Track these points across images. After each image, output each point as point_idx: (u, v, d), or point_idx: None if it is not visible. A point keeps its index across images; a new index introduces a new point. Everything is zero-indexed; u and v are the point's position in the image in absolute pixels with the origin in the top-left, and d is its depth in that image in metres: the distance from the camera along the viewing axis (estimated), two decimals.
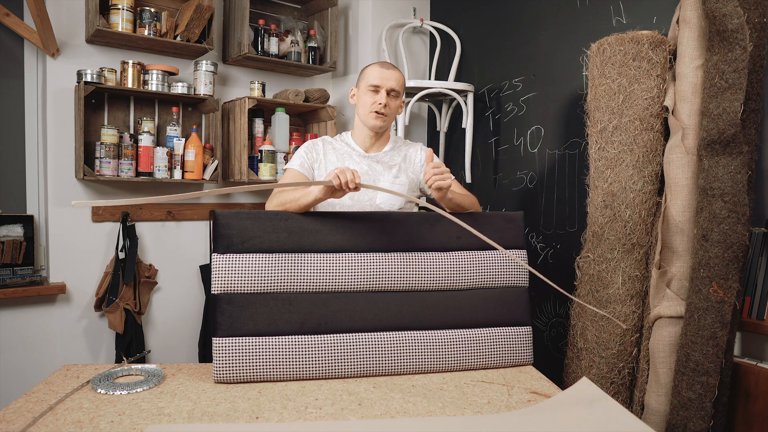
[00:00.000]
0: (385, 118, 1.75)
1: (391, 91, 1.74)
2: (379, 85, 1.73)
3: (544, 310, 2.46)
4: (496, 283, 1.57)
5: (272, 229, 1.42)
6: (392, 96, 1.75)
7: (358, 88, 1.80)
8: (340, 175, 1.39)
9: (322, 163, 1.77)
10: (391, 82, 1.73)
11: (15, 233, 2.28)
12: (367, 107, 1.74)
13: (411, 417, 1.20)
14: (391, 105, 1.75)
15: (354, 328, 1.45)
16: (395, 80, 1.74)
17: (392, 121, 1.82)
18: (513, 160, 2.63)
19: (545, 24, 2.46)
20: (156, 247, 2.60)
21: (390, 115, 1.76)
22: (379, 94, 1.73)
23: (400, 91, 1.77)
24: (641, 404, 1.82)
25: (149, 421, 1.14)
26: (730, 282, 1.56)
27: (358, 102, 1.79)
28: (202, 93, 2.51)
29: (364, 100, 1.76)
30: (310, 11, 2.95)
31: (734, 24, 1.51)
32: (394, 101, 1.76)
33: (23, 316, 2.30)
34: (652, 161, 1.83)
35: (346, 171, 1.40)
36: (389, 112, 1.75)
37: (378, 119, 1.74)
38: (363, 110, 1.76)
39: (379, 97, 1.73)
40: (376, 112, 1.73)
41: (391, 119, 1.78)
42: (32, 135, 2.41)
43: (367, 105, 1.74)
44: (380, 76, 1.73)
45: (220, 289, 1.38)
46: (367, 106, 1.74)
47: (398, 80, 1.75)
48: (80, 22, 2.38)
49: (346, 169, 1.40)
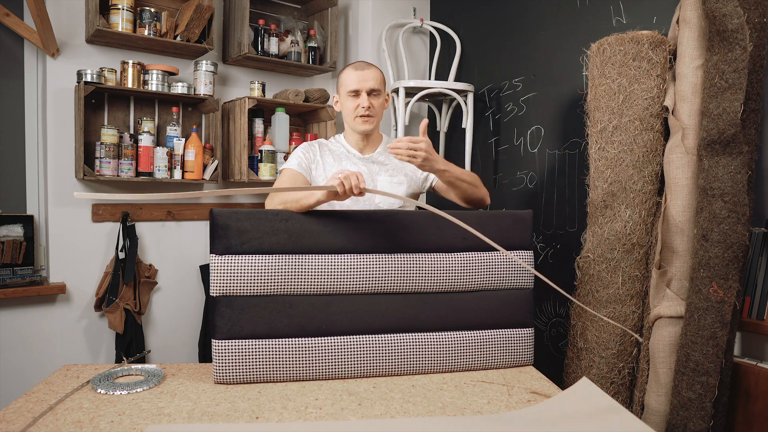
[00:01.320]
0: (372, 119, 1.73)
1: (372, 91, 1.71)
2: (357, 89, 1.70)
3: (544, 310, 2.46)
4: (501, 285, 1.55)
5: (272, 230, 1.39)
6: (374, 95, 1.72)
7: (339, 95, 1.78)
8: (345, 181, 1.35)
9: (320, 164, 1.76)
10: (369, 83, 1.71)
11: (15, 233, 2.28)
12: (352, 113, 1.73)
13: (411, 417, 1.20)
14: (374, 104, 1.72)
15: (355, 330, 1.43)
16: (373, 79, 1.72)
17: (380, 120, 1.80)
18: (513, 160, 2.63)
19: (545, 24, 2.46)
20: (156, 247, 2.60)
21: (376, 114, 1.74)
22: (360, 98, 1.71)
23: (381, 89, 1.74)
24: (641, 404, 1.82)
25: (149, 421, 1.14)
26: (730, 282, 1.56)
27: (342, 109, 1.77)
28: (202, 93, 2.51)
29: (347, 107, 1.74)
30: (310, 11, 2.95)
31: (734, 24, 1.51)
32: (377, 99, 1.74)
33: (23, 316, 2.30)
34: (652, 161, 1.83)
35: (350, 176, 1.36)
36: (375, 112, 1.73)
37: (366, 123, 1.72)
38: (348, 117, 1.75)
39: (361, 100, 1.70)
40: (361, 116, 1.71)
41: (379, 118, 1.77)
42: (32, 135, 2.41)
43: (351, 111, 1.73)
44: (357, 80, 1.71)
45: (219, 291, 1.36)
46: (351, 111, 1.73)
47: (376, 78, 1.73)
48: (80, 22, 2.38)
49: (350, 175, 1.36)
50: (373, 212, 1.50)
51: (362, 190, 1.37)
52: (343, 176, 1.36)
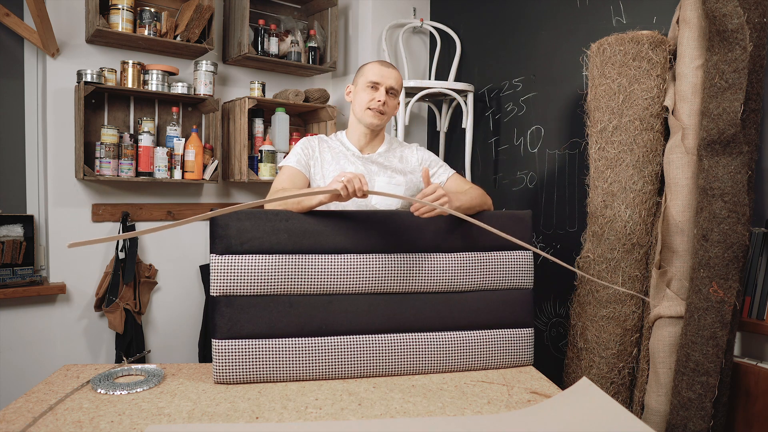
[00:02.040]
0: (383, 116, 1.73)
1: (390, 90, 1.72)
2: (378, 82, 1.70)
3: (544, 310, 2.46)
4: (501, 285, 1.55)
5: (272, 230, 1.39)
6: (391, 95, 1.73)
7: (356, 85, 1.77)
8: (348, 184, 1.34)
9: (318, 161, 1.74)
10: (390, 81, 1.71)
11: (15, 233, 2.28)
12: (365, 104, 1.72)
13: (411, 417, 1.20)
14: (389, 103, 1.73)
15: (355, 330, 1.43)
16: (394, 79, 1.73)
17: (388, 121, 1.80)
18: (513, 160, 2.63)
19: (545, 24, 2.46)
20: (156, 247, 2.60)
21: (387, 113, 1.74)
22: (378, 92, 1.71)
23: (399, 91, 1.75)
24: (641, 404, 1.82)
25: (149, 421, 1.14)
26: (730, 282, 1.56)
27: (355, 99, 1.76)
28: (202, 93, 2.51)
29: (361, 97, 1.73)
30: (310, 11, 2.95)
31: (734, 24, 1.51)
32: (393, 100, 1.74)
33: (23, 316, 2.30)
34: (652, 161, 1.83)
35: (354, 179, 1.35)
36: (387, 111, 1.73)
37: (375, 117, 1.72)
38: (360, 107, 1.73)
39: (379, 94, 1.70)
40: (374, 109, 1.71)
41: (388, 118, 1.77)
42: (32, 135, 2.41)
43: (365, 102, 1.72)
44: (380, 74, 1.71)
45: (219, 291, 1.36)
46: (365, 103, 1.72)
47: (397, 79, 1.74)
48: (80, 22, 2.38)
49: (354, 178, 1.35)
50: (373, 212, 1.51)
51: (366, 193, 1.37)
52: (346, 179, 1.35)
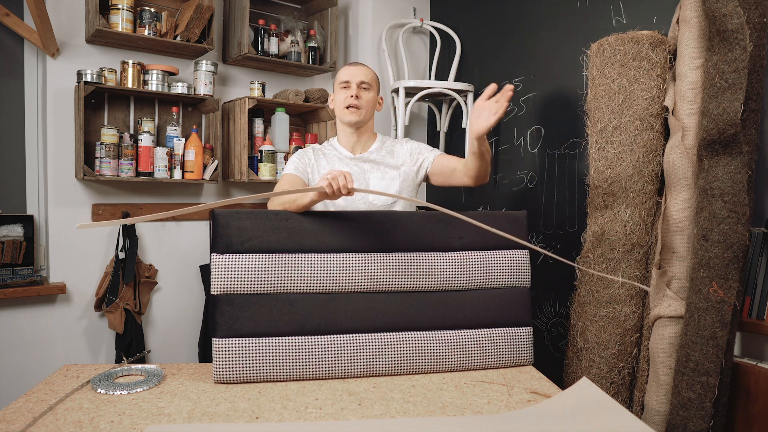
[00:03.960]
0: (359, 111, 1.77)
1: (362, 83, 1.78)
2: (348, 80, 1.78)
3: (544, 310, 2.46)
4: (498, 284, 1.56)
5: (272, 229, 1.41)
6: (363, 88, 1.78)
7: (334, 92, 1.84)
8: (333, 182, 1.36)
9: (315, 167, 1.80)
10: (360, 76, 1.78)
11: (15, 233, 2.28)
12: (341, 104, 1.78)
13: (411, 417, 1.20)
14: (363, 97, 1.77)
15: (355, 328, 1.44)
16: (363, 73, 1.79)
17: (370, 117, 1.83)
18: (513, 160, 2.63)
19: (545, 24, 2.46)
20: (156, 247, 2.60)
21: (364, 107, 1.78)
22: (350, 89, 1.77)
23: (372, 84, 1.81)
24: (641, 404, 1.82)
25: (149, 421, 1.14)
26: (730, 282, 1.56)
27: (335, 104, 1.83)
28: (202, 93, 2.51)
29: (338, 100, 1.80)
30: (310, 11, 2.95)
31: (734, 24, 1.51)
32: (367, 93, 1.79)
33: (23, 316, 2.30)
34: (652, 161, 1.83)
35: (338, 177, 1.37)
36: (362, 104, 1.77)
37: (353, 114, 1.76)
38: (339, 109, 1.80)
39: (350, 90, 1.77)
40: (350, 105, 1.76)
41: (368, 113, 1.80)
42: (32, 135, 2.41)
43: (341, 102, 1.78)
44: (349, 73, 1.79)
45: (220, 289, 1.37)
46: (341, 103, 1.78)
47: (366, 73, 1.80)
48: (80, 22, 2.38)
49: (338, 175, 1.37)
50: (372, 212, 1.52)
51: (350, 190, 1.39)
52: (331, 177, 1.38)
